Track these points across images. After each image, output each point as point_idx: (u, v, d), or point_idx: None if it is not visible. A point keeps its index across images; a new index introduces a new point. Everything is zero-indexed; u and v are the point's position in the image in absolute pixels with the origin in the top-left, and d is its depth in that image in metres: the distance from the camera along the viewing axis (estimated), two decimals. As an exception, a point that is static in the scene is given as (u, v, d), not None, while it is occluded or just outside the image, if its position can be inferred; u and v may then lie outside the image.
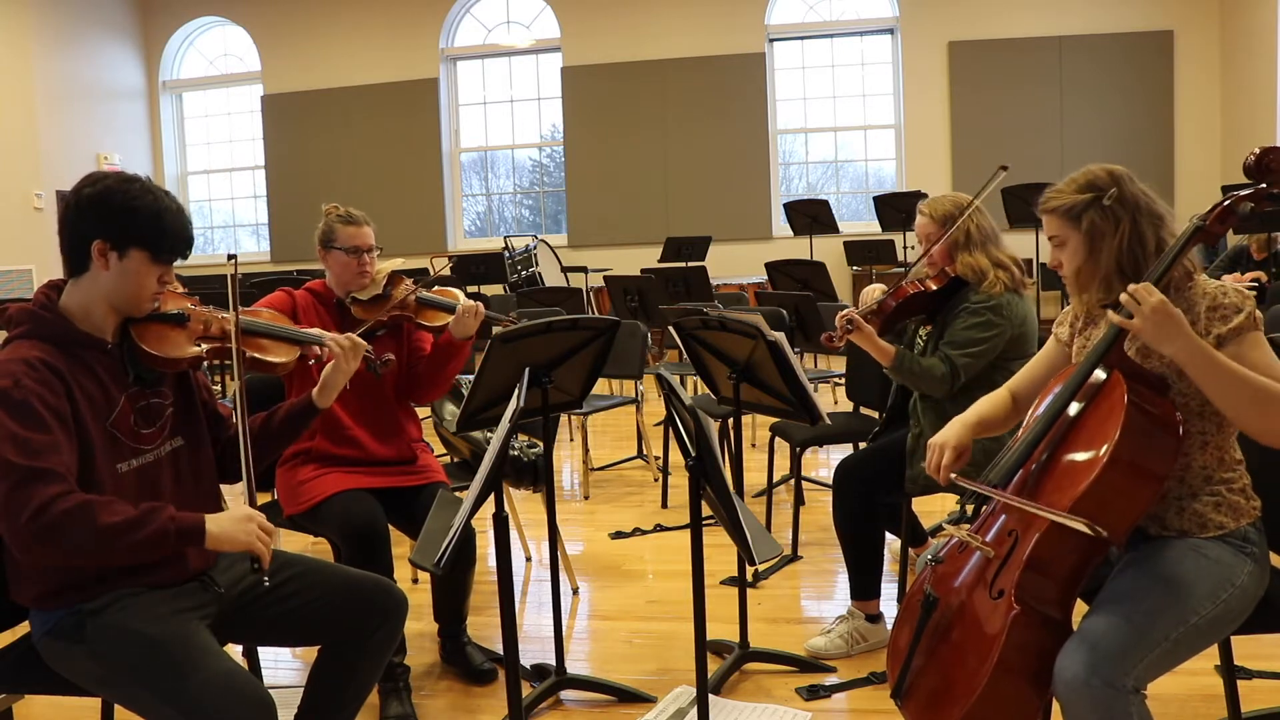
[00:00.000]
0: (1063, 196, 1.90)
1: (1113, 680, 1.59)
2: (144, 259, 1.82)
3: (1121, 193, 1.85)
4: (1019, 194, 7.66)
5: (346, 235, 2.79)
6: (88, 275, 1.83)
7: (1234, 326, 1.75)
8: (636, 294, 5.91)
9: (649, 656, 2.94)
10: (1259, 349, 1.75)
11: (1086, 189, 1.87)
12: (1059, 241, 1.92)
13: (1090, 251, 1.88)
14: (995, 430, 2.12)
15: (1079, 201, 1.87)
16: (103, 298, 1.83)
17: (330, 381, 2.13)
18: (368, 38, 10.76)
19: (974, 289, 2.81)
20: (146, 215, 1.81)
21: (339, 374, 2.14)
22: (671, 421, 2.41)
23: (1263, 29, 8.65)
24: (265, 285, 7.06)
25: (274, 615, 1.98)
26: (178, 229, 1.84)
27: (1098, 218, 1.85)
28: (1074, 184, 1.90)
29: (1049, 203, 1.91)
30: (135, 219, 1.80)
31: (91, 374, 1.80)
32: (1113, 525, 1.71)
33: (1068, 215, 1.88)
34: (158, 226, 1.82)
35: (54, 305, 1.83)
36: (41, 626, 1.81)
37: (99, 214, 1.80)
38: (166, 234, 1.83)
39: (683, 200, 10.27)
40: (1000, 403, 2.12)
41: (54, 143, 9.72)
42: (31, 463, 1.63)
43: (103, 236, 1.80)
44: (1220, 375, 1.69)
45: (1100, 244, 1.86)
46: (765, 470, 4.25)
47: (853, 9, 10.32)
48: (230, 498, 2.44)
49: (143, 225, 1.81)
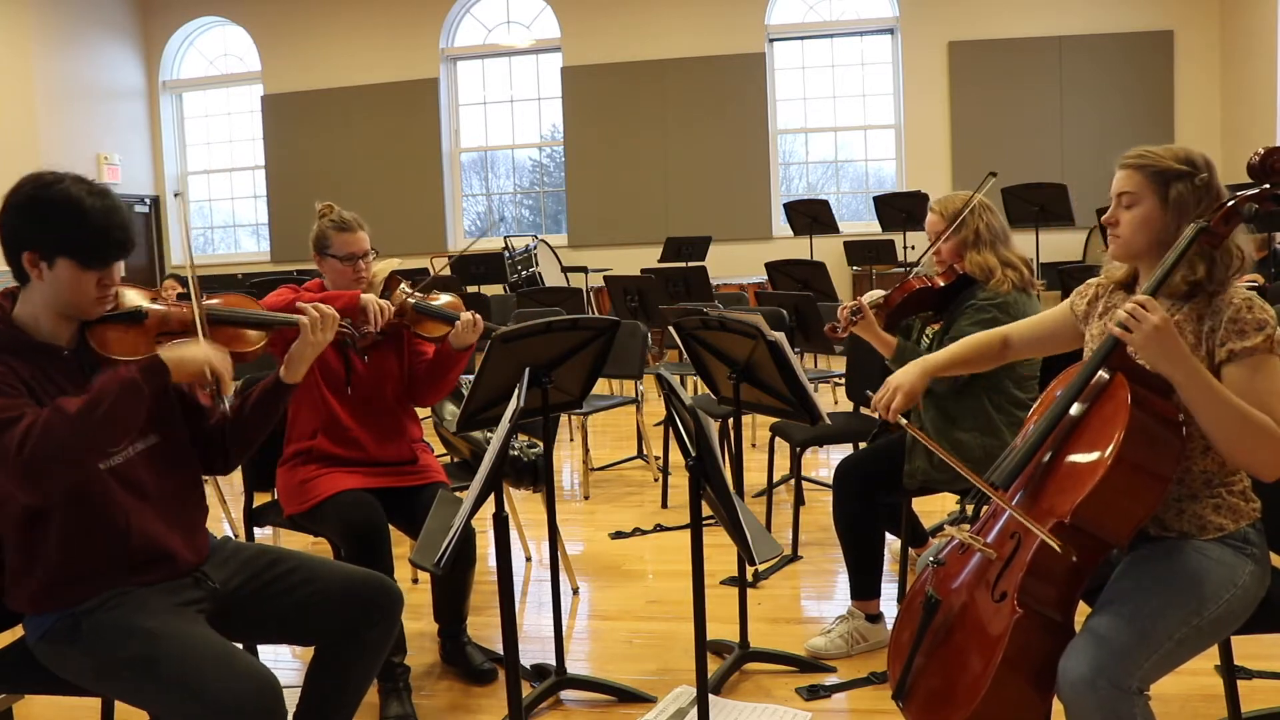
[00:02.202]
0: (1157, 158, 1.83)
1: (1118, 681, 1.59)
2: (72, 267, 1.74)
3: (1211, 180, 1.81)
4: (1019, 194, 7.66)
5: (341, 242, 2.77)
6: (30, 285, 1.78)
7: (1249, 345, 1.72)
8: (636, 294, 5.91)
9: (649, 656, 2.94)
10: (1267, 378, 1.71)
11: (1184, 161, 1.82)
12: (1131, 200, 1.85)
13: (1169, 223, 1.81)
14: (970, 369, 2.16)
15: (1174, 169, 1.81)
16: (47, 306, 1.79)
17: (297, 354, 2.06)
18: (368, 38, 10.76)
19: (981, 287, 2.81)
20: (66, 222, 1.72)
21: (306, 346, 2.06)
22: (671, 421, 2.40)
23: (1263, 29, 8.65)
24: (265, 285, 7.06)
25: (270, 611, 1.97)
26: (103, 231, 1.75)
27: (1186, 191, 1.80)
28: (1171, 153, 1.84)
29: (1140, 159, 1.85)
30: (55, 227, 1.73)
31: (53, 382, 1.77)
32: (1117, 527, 1.71)
33: (1157, 177, 1.82)
34: (80, 232, 1.73)
35: (7, 315, 1.79)
36: (36, 631, 1.81)
37: (21, 223, 1.74)
38: (90, 240, 1.74)
39: (683, 200, 10.26)
40: (987, 344, 2.14)
41: (54, 143, 9.72)
42: (3, 415, 1.62)
43: (29, 247, 1.74)
44: (1211, 403, 1.67)
45: (1181, 220, 1.80)
46: (765, 470, 4.24)
47: (853, 9, 10.32)
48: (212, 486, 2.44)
49: (64, 233, 1.73)
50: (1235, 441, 1.69)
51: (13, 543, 1.78)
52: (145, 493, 1.86)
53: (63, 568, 1.77)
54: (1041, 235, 7.89)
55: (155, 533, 1.85)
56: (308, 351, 2.07)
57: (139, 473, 1.86)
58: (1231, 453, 1.71)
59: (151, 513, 1.86)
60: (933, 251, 2.89)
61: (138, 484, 1.85)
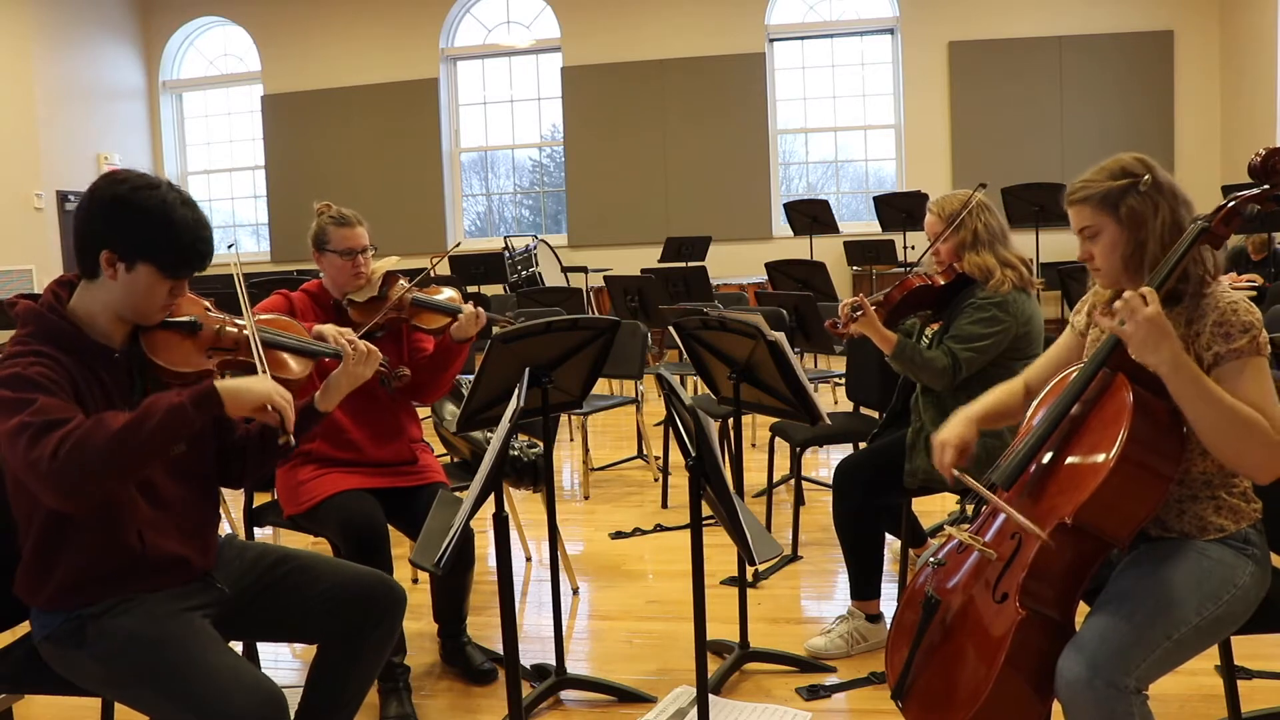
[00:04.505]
0: (1095, 185, 1.82)
1: (1115, 680, 1.59)
2: (152, 273, 1.74)
3: (1155, 178, 1.80)
4: (1019, 194, 7.66)
5: (340, 237, 2.77)
6: (97, 282, 1.76)
7: (1234, 348, 1.71)
8: (636, 294, 5.91)
9: (649, 656, 2.94)
10: (1254, 379, 1.70)
11: (1120, 175, 1.81)
12: (1092, 233, 1.84)
13: (1132, 239, 1.80)
14: (1005, 421, 2.10)
15: (1114, 188, 1.80)
16: (110, 306, 1.77)
17: (335, 385, 2.06)
18: (368, 38, 10.76)
19: (981, 286, 2.81)
20: (157, 228, 1.71)
21: (346, 378, 2.06)
22: (671, 421, 2.40)
23: (1263, 29, 8.65)
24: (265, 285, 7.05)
25: (274, 611, 1.97)
26: (190, 243, 1.74)
27: (1136, 203, 1.79)
28: (1104, 172, 1.83)
29: (1079, 193, 1.84)
30: (145, 231, 1.72)
31: (98, 380, 1.76)
32: (1119, 528, 1.71)
33: (1103, 203, 1.81)
34: (168, 241, 1.72)
35: (61, 307, 1.77)
36: (42, 630, 1.81)
37: (109, 221, 1.72)
38: (177, 249, 1.74)
39: (683, 200, 10.26)
40: (1012, 393, 2.10)
41: (54, 143, 9.73)
42: (45, 418, 1.59)
43: (110, 247, 1.72)
44: (1199, 396, 1.65)
45: (1143, 230, 1.79)
46: (765, 470, 4.24)
47: (853, 9, 10.32)
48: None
49: (152, 238, 1.72)
50: (1223, 439, 1.67)
51: (34, 536, 1.77)
52: (165, 500, 1.85)
53: (81, 568, 1.76)
54: (1041, 235, 7.89)
55: (171, 540, 1.85)
56: (344, 382, 2.06)
57: (161, 480, 1.86)
58: (1221, 451, 1.69)
59: (169, 521, 1.86)
60: (932, 252, 2.89)
61: (159, 491, 1.85)
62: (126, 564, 1.79)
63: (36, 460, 1.55)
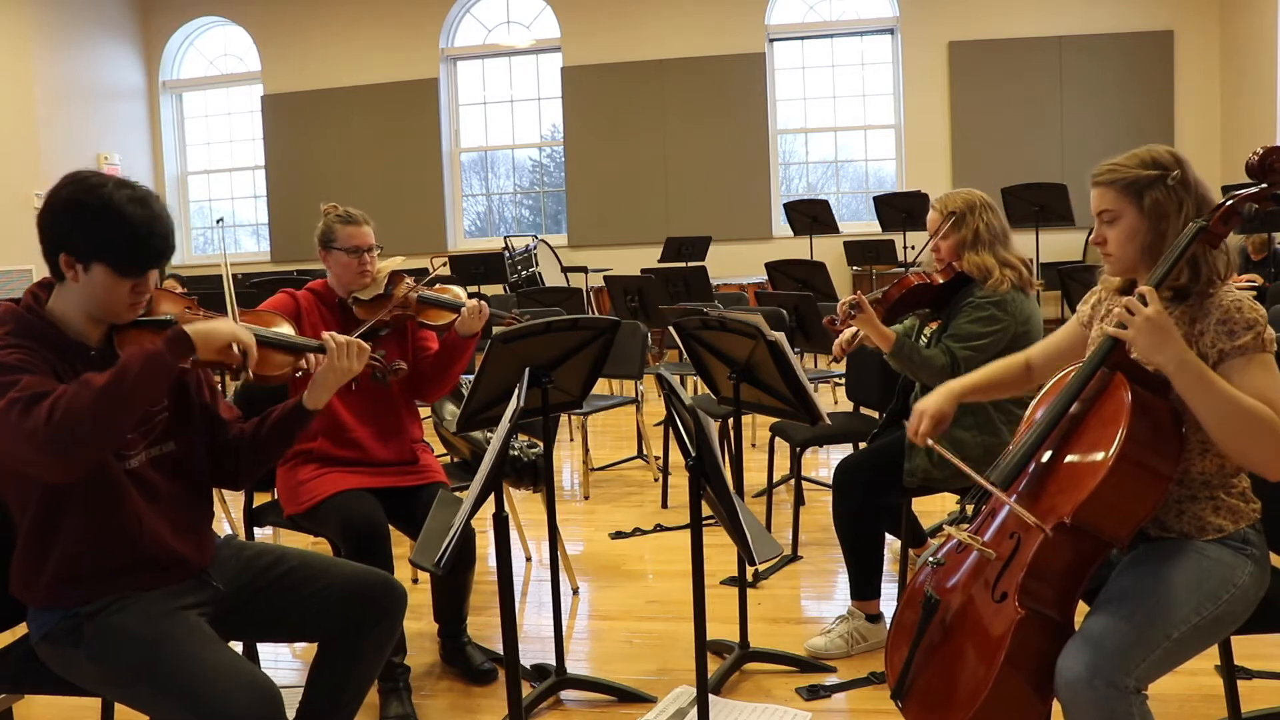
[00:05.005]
0: (1123, 170, 1.82)
1: (1114, 680, 1.59)
2: (107, 273, 1.73)
3: (1185, 175, 1.80)
4: (1019, 194, 7.67)
5: (346, 235, 2.79)
6: (64, 284, 1.77)
7: (1239, 345, 1.71)
8: (636, 294, 5.91)
9: (649, 656, 2.94)
10: (1261, 374, 1.69)
11: (1151, 166, 1.80)
12: (1110, 217, 1.84)
13: (1153, 230, 1.80)
14: (999, 394, 2.13)
15: (1143, 176, 1.80)
16: (80, 307, 1.78)
17: (321, 382, 2.03)
18: (368, 38, 10.76)
19: (979, 286, 2.81)
20: (106, 227, 1.70)
21: (331, 373, 2.03)
22: (671, 421, 2.40)
23: (1263, 29, 8.64)
24: (265, 285, 7.06)
25: (273, 610, 1.97)
26: (142, 240, 1.72)
27: (1161, 196, 1.79)
28: (1136, 159, 1.82)
29: (1106, 175, 1.83)
30: (96, 232, 1.71)
31: (75, 377, 1.73)
32: (1118, 527, 1.71)
33: (1128, 189, 1.81)
34: (120, 239, 1.71)
35: (40, 308, 1.79)
36: (39, 630, 1.81)
37: (61, 224, 1.73)
38: (129, 247, 1.72)
39: (683, 200, 10.26)
40: (1012, 367, 2.12)
41: (54, 143, 9.72)
42: (32, 391, 1.60)
43: (66, 249, 1.72)
44: (1206, 393, 1.65)
45: (1164, 223, 1.79)
46: (765, 470, 4.24)
47: (853, 9, 10.32)
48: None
49: (104, 238, 1.71)
50: (1232, 435, 1.67)
51: (29, 532, 1.78)
52: (158, 496, 1.86)
53: (75, 563, 1.77)
54: (1041, 235, 7.89)
55: (166, 536, 1.86)
56: (330, 378, 2.03)
57: (154, 477, 1.87)
58: (1230, 447, 1.70)
59: (163, 517, 1.86)
60: (932, 249, 2.90)
61: (152, 488, 1.86)
62: (121, 555, 1.80)
63: (33, 430, 1.55)
